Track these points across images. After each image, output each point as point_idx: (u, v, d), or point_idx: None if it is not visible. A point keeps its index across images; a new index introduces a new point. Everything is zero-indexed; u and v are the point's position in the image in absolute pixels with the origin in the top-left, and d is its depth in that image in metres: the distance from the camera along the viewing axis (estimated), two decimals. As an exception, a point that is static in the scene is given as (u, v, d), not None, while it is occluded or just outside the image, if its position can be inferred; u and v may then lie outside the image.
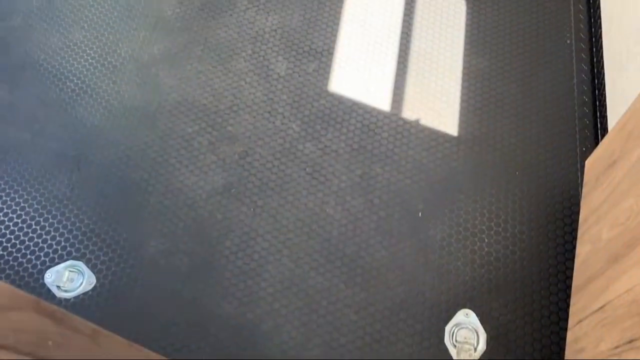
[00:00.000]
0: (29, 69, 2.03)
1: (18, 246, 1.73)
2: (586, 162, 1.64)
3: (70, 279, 1.65)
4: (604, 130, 1.74)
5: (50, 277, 1.65)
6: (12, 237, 1.74)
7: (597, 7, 1.95)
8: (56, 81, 2.00)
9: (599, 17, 1.93)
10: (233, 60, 2.02)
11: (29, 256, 1.71)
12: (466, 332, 1.55)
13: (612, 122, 1.69)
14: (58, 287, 1.64)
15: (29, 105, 1.96)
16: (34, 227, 1.75)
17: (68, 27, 2.12)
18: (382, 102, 1.91)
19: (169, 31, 2.08)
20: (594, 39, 1.94)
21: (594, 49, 1.92)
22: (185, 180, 1.80)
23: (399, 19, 2.06)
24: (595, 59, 1.90)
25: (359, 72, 1.97)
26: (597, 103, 1.83)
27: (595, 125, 1.80)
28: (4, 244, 1.73)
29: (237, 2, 2.14)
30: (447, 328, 1.56)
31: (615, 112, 1.68)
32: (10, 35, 2.11)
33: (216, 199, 1.76)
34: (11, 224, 1.76)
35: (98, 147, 1.87)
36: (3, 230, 1.75)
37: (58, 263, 1.69)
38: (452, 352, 1.53)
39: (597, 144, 1.76)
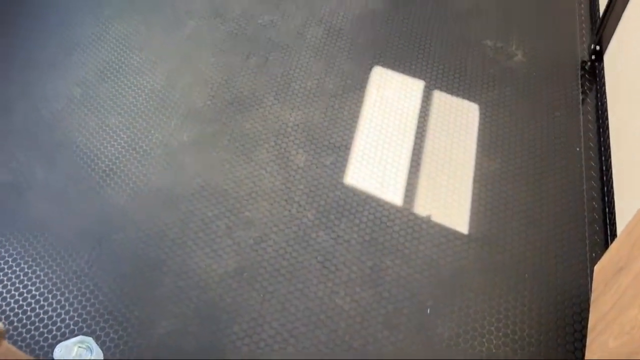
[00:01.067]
0: (66, 148, 2.18)
1: (32, 318, 1.77)
2: (595, 267, 1.65)
3: (78, 354, 1.66)
4: (614, 236, 1.76)
5: (59, 352, 1.67)
6: (29, 308, 1.79)
7: (606, 119, 2.05)
8: (89, 161, 2.14)
9: (607, 128, 2.02)
10: (256, 150, 2.14)
11: (41, 329, 1.75)
12: None
13: (621, 228, 1.71)
14: (65, 362, 1.66)
15: (62, 182, 2.09)
16: (50, 300, 1.80)
17: (106, 112, 2.29)
18: (395, 196, 1.98)
19: (199, 121, 2.23)
20: (602, 148, 2.01)
21: (603, 157, 1.99)
22: (200, 262, 1.85)
23: (414, 120, 2.18)
24: (604, 167, 1.96)
25: (374, 167, 2.06)
26: (607, 209, 1.86)
27: (605, 231, 1.83)
28: (20, 315, 1.77)
29: (264, 98, 2.30)
30: None
31: (624, 218, 1.71)
32: (53, 117, 2.29)
33: (228, 282, 1.80)
34: (29, 295, 1.82)
35: (121, 226, 1.95)
36: (20, 302, 1.80)
37: (69, 337, 1.72)
38: None
39: (606, 249, 1.78)
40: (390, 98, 2.26)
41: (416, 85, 2.29)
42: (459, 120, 2.17)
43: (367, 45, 2.45)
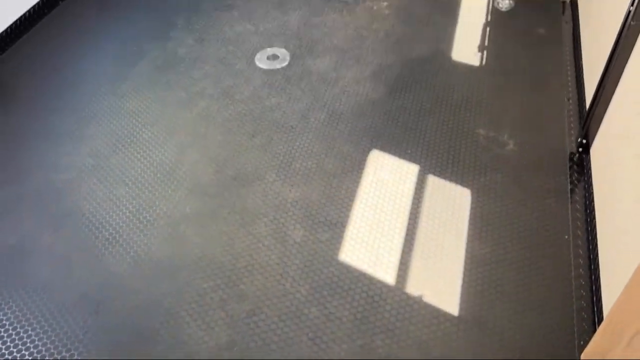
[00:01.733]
0: (73, 217, 2.27)
1: (22, 383, 1.78)
2: (581, 356, 1.66)
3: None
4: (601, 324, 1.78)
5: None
6: (19, 373, 1.80)
7: (593, 209, 2.12)
8: (94, 229, 2.22)
9: (594, 218, 2.09)
10: (255, 224, 2.21)
11: (29, 395, 1.75)
12: None
13: (607, 317, 1.74)
14: None
15: (66, 248, 2.15)
16: (41, 365, 1.81)
17: (115, 183, 2.40)
18: (387, 275, 2.03)
19: (202, 195, 2.33)
20: (590, 237, 2.08)
21: (590, 246, 2.05)
22: (193, 334, 1.88)
23: (408, 202, 2.27)
24: (591, 255, 2.02)
25: (369, 245, 2.13)
26: (594, 297, 1.90)
27: (593, 319, 1.85)
28: (10, 380, 1.78)
29: (266, 174, 2.41)
30: None
31: (610, 306, 1.74)
32: (64, 186, 2.39)
33: (219, 355, 1.82)
34: (18, 355, 1.83)
35: (118, 294, 2.00)
36: (12, 366, 1.82)
37: (56, 405, 1.72)
38: None
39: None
40: (386, 180, 2.36)
41: (411, 169, 2.40)
42: (452, 204, 2.26)
43: (366, 130, 2.58)
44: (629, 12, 1.96)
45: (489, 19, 3.20)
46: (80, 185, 2.40)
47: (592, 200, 2.15)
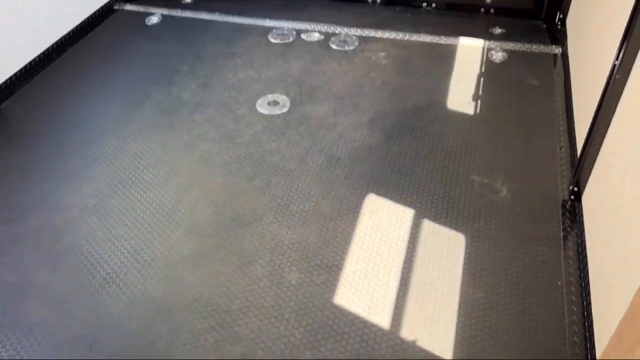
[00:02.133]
0: (71, 256, 2.29)
1: None
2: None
3: None
4: (595, 372, 1.78)
5: None
6: (9, 413, 1.78)
7: (585, 256, 2.15)
8: (92, 269, 2.24)
9: (587, 265, 2.11)
10: (251, 265, 2.23)
11: None
12: None
13: (601, 364, 1.74)
14: None
15: (63, 287, 2.17)
16: (32, 405, 1.80)
17: (114, 223, 2.44)
18: (382, 319, 2.03)
19: (200, 235, 2.36)
20: (583, 284, 2.10)
21: (583, 293, 2.06)
22: (186, 376, 1.87)
23: (404, 246, 2.29)
24: (584, 302, 2.03)
25: (364, 288, 2.14)
26: (588, 345, 1.90)
27: (587, 366, 1.85)
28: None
29: (263, 216, 2.45)
30: None
31: (602, 352, 1.74)
32: (64, 225, 2.43)
33: (211, 398, 1.81)
34: (12, 399, 1.82)
35: (113, 334, 2.00)
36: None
37: None
38: None
39: (589, 386, 1.79)
40: (382, 224, 2.40)
41: (407, 214, 2.44)
42: (446, 249, 2.28)
43: (363, 174, 2.64)
44: (614, 65, 2.05)
45: (482, 70, 3.31)
46: (81, 225, 2.43)
47: (585, 247, 2.18)
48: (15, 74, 3.27)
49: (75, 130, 2.99)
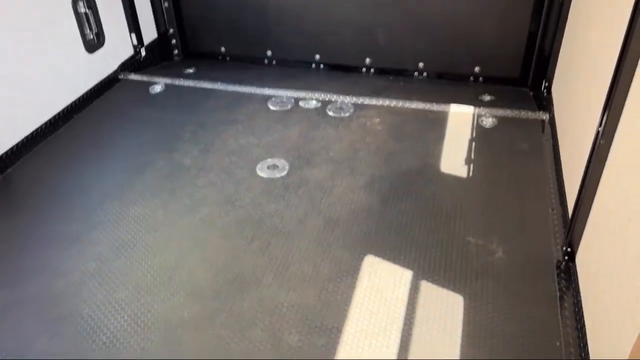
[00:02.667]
0: (71, 320, 2.30)
1: None
2: None
3: None
4: None
5: None
6: None
7: (582, 316, 2.18)
8: (92, 333, 2.24)
9: (584, 325, 2.14)
10: (251, 329, 2.24)
11: None
12: None
13: None
14: None
15: (63, 353, 2.16)
16: None
17: (115, 287, 2.45)
18: (383, 383, 2.03)
19: (200, 299, 2.38)
20: (581, 344, 2.11)
21: (582, 353, 2.07)
22: None
23: (402, 307, 2.31)
24: (584, 363, 2.04)
25: (364, 350, 2.14)
26: (590, 406, 1.89)
27: None
28: None
29: (263, 278, 2.47)
30: None
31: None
32: (65, 289, 2.45)
33: None
34: None
35: (111, 399, 1.98)
36: None
37: None
38: None
39: None
40: (381, 286, 2.42)
41: (405, 275, 2.47)
42: (445, 309, 2.30)
43: (361, 236, 2.69)
44: (598, 132, 2.17)
45: (474, 135, 3.45)
46: (81, 289, 2.45)
47: (581, 307, 2.20)
48: (22, 141, 3.37)
49: (79, 195, 3.06)
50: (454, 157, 3.25)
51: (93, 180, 3.17)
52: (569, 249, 2.46)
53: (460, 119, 3.63)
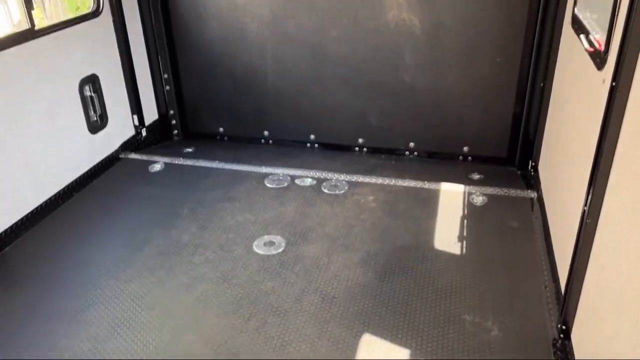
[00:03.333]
0: None
1: None
2: None
3: None
4: None
5: None
6: None
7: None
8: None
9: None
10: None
11: None
12: None
13: None
14: None
15: None
16: None
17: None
18: None
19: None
20: None
21: None
22: None
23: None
24: None
25: None
26: None
27: None
28: None
29: (261, 358, 2.45)
30: None
31: None
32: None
33: None
34: None
35: None
36: None
37: None
38: None
39: None
40: (378, 365, 2.41)
41: (402, 354, 2.46)
42: (444, 389, 2.29)
43: (358, 314, 2.70)
44: (584, 211, 2.26)
45: (465, 212, 3.54)
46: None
47: (579, 386, 2.20)
48: (22, 219, 3.41)
49: (76, 273, 3.07)
50: (447, 235, 3.32)
51: (90, 258, 3.19)
52: (563, 327, 2.48)
53: (451, 197, 3.73)
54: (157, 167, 4.23)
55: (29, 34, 3.38)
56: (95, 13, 3.99)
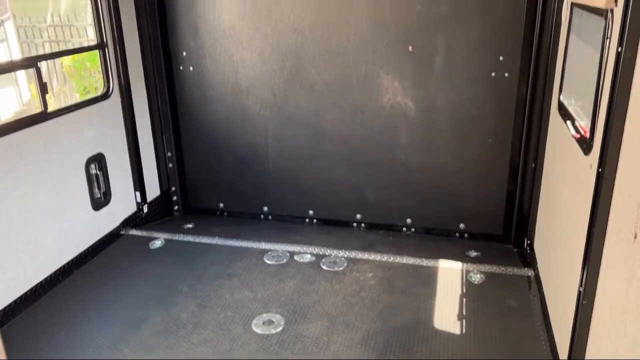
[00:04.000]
0: None
1: None
2: None
3: None
4: None
5: None
6: None
7: None
8: None
9: None
10: None
11: None
12: None
13: None
14: None
15: None
16: None
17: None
18: None
19: None
20: None
21: None
22: None
23: None
24: None
25: None
26: None
27: None
28: None
29: None
30: None
31: None
32: None
33: None
34: None
35: None
36: None
37: None
38: None
39: None
40: None
41: None
42: None
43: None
44: (580, 292, 2.31)
45: (463, 290, 3.56)
46: None
47: None
48: (21, 297, 3.40)
49: (72, 353, 3.03)
50: (447, 313, 3.32)
51: (88, 338, 3.16)
52: (568, 410, 2.45)
53: (450, 275, 3.76)
54: (157, 244, 4.27)
55: (42, 117, 3.53)
56: (105, 95, 4.18)
